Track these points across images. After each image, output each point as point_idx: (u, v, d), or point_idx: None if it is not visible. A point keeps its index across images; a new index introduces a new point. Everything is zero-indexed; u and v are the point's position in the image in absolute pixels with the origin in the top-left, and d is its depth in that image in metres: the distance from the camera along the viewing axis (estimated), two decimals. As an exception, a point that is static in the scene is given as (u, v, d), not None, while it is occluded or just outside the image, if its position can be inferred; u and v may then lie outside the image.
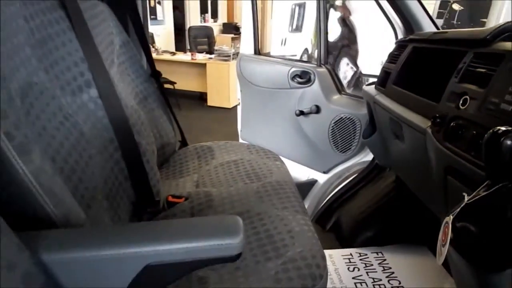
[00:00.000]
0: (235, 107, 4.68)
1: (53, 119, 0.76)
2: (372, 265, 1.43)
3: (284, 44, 2.68)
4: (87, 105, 0.91)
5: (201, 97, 5.65)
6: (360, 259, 1.47)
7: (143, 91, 1.38)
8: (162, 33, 7.19)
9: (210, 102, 5.40)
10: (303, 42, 2.43)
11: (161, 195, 1.12)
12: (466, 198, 0.61)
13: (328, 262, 1.47)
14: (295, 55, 2.68)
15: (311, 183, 2.03)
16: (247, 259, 0.82)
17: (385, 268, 1.41)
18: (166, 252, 0.50)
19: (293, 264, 0.78)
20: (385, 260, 1.46)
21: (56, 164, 0.69)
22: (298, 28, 2.61)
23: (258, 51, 2.33)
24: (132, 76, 1.34)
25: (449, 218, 0.63)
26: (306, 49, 2.43)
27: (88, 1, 1.10)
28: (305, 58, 2.63)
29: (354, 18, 2.23)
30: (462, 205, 0.61)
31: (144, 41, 1.48)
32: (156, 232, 0.54)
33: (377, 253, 1.51)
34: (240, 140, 2.27)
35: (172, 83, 5.15)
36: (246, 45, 2.34)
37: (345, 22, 2.28)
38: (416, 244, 1.52)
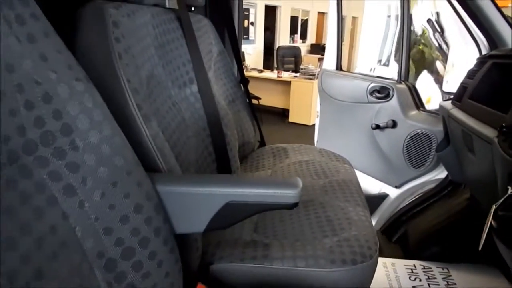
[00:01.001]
0: (314, 125, 4.82)
1: (164, 104, 0.98)
2: (435, 278, 1.43)
3: (373, 71, 2.76)
4: (189, 98, 1.13)
5: (283, 113, 5.87)
6: (424, 271, 1.47)
7: (232, 94, 1.59)
8: (252, 52, 7.66)
9: (291, 119, 5.59)
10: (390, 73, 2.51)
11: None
12: (509, 191, 0.67)
13: (390, 269, 1.50)
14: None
15: (382, 197, 2.05)
16: (306, 234, 0.94)
17: (450, 283, 1.40)
18: (242, 194, 0.66)
19: (347, 243, 0.88)
20: (450, 276, 1.44)
21: (164, 137, 0.90)
22: (386, 64, 2.68)
23: (340, 67, 2.44)
24: (224, 80, 1.56)
25: (492, 208, 0.69)
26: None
27: (196, 16, 1.35)
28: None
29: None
30: (505, 197, 0.67)
31: (237, 52, 1.71)
32: (237, 179, 0.70)
33: (442, 268, 1.49)
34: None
35: (257, 98, 5.46)
36: (329, 61, 2.47)
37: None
38: (487, 265, 1.47)
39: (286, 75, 5.84)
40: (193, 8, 1.39)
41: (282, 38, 9.01)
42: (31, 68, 0.50)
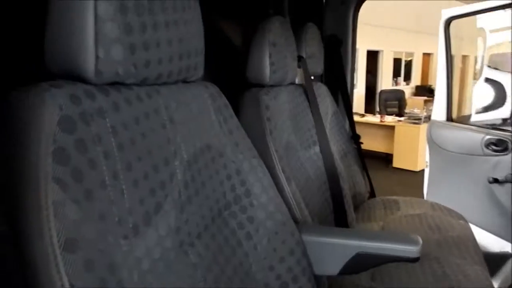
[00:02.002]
0: (422, 171, 4.62)
1: (295, 164, 1.20)
2: None
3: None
4: (312, 157, 1.34)
5: (387, 158, 5.76)
6: None
7: (345, 149, 1.76)
8: (354, 96, 7.76)
9: (395, 164, 5.46)
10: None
11: (353, 231, 1.43)
12: None
13: (515, 335, 1.42)
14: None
15: (504, 256, 1.94)
16: (422, 286, 1.02)
17: None
18: (370, 246, 0.81)
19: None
20: None
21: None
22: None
23: (450, 118, 2.43)
24: (337, 137, 1.75)
25: None
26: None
27: (316, 84, 1.59)
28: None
29: None
30: None
31: (349, 110, 1.89)
32: (366, 233, 0.86)
33: None
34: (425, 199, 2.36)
35: (360, 143, 5.49)
36: (438, 111, 2.48)
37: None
38: None
39: (389, 119, 5.78)
40: (312, 77, 1.63)
41: (385, 81, 8.94)
42: (230, 152, 0.75)
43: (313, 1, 1.79)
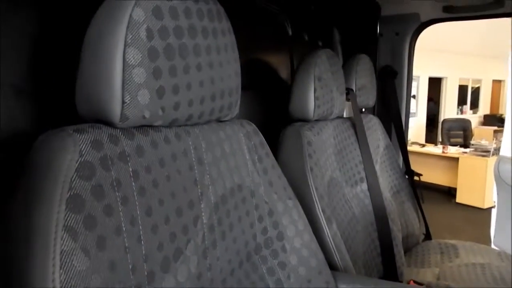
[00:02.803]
0: (490, 209, 4.21)
1: (339, 202, 1.14)
2: None
3: None
4: (359, 195, 1.26)
5: (449, 192, 5.34)
6: None
7: (397, 185, 1.65)
8: (413, 125, 7.38)
9: (459, 199, 5.03)
10: None
11: (404, 278, 1.31)
12: None
13: None
14: None
15: None
16: None
17: None
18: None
19: None
20: None
21: (338, 232, 1.04)
22: None
23: (522, 154, 2.20)
24: (389, 172, 1.64)
25: None
26: None
27: (366, 116, 1.52)
28: None
29: None
30: None
31: (403, 144, 1.78)
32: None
33: None
34: (492, 246, 2.12)
35: (418, 175, 5.15)
36: (508, 145, 2.26)
37: None
38: None
39: (453, 151, 5.39)
40: (363, 109, 1.57)
41: (448, 109, 8.42)
42: (263, 192, 0.72)
43: (366, 32, 1.74)
